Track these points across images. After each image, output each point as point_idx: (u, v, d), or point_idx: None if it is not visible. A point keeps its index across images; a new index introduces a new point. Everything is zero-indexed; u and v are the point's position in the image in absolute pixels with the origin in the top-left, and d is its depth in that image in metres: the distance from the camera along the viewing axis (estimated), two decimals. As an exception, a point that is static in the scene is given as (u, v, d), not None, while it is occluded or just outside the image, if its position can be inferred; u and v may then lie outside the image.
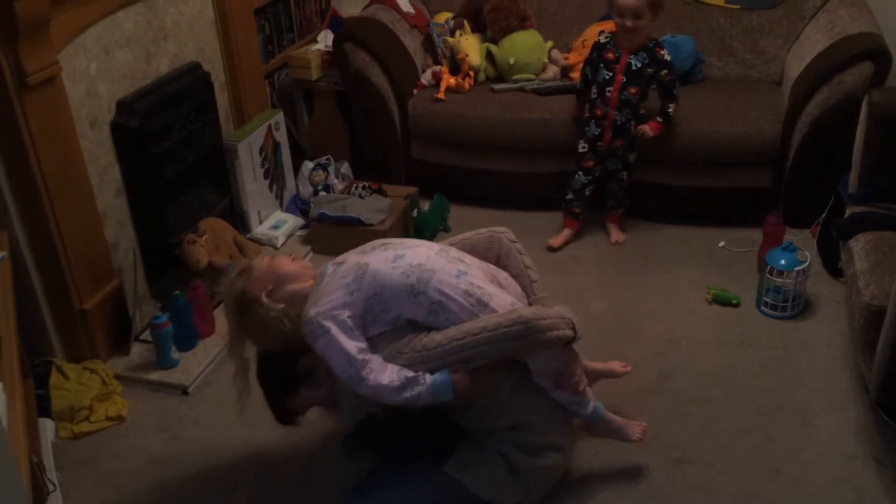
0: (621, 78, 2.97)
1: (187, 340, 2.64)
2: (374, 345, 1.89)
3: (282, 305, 1.97)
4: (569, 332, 1.91)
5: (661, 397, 2.40)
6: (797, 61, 3.22)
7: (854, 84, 2.86)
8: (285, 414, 2.12)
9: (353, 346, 1.85)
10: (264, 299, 1.98)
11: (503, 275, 2.05)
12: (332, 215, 3.19)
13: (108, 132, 2.60)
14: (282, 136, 3.43)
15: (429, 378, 1.85)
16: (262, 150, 3.29)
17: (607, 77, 2.99)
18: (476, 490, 1.96)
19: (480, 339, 1.84)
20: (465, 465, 1.98)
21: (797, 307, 2.71)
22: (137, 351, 2.65)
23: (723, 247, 3.11)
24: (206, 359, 2.63)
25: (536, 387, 1.98)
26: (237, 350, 2.06)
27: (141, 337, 2.69)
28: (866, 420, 2.28)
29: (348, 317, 1.85)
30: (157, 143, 2.71)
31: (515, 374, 1.96)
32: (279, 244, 3.23)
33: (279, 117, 3.40)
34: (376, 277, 1.89)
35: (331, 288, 1.90)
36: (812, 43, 3.20)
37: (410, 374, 1.85)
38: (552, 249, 3.15)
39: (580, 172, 3.15)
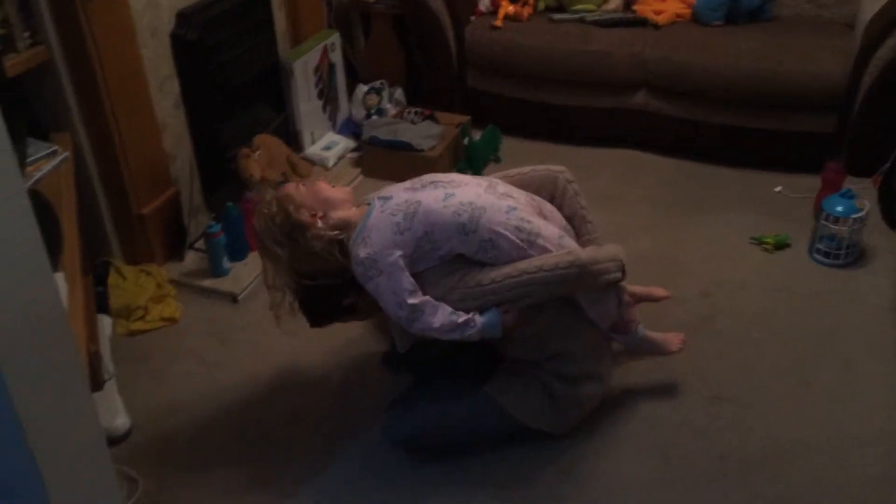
0: None
1: (238, 251, 2.72)
2: (423, 279, 1.91)
3: (335, 232, 1.93)
4: (619, 275, 1.93)
5: (703, 336, 2.40)
6: (871, 3, 3.07)
7: (931, 28, 2.73)
8: (320, 322, 2.14)
9: (404, 288, 1.86)
10: (318, 225, 1.93)
11: (548, 206, 2.06)
12: (384, 139, 3.21)
13: (168, 43, 2.63)
14: (337, 58, 3.43)
15: (479, 320, 1.88)
16: (317, 70, 3.30)
17: None
18: (513, 412, 2.00)
19: (536, 278, 1.86)
20: (505, 388, 2.02)
21: (851, 256, 2.66)
22: (191, 258, 2.74)
23: (779, 192, 3.05)
24: (256, 270, 2.68)
25: (576, 317, 2.00)
26: (278, 281, 1.99)
27: (195, 245, 2.77)
28: (910, 372, 2.25)
29: (399, 256, 1.86)
30: (215, 57, 2.74)
31: (556, 306, 1.98)
32: (330, 164, 3.27)
33: (335, 38, 3.40)
34: (428, 217, 1.89)
35: (380, 225, 1.89)
36: (891, -16, 3.04)
37: (461, 318, 1.87)
38: None
39: None
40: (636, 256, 2.66)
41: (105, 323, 2.46)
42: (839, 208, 2.61)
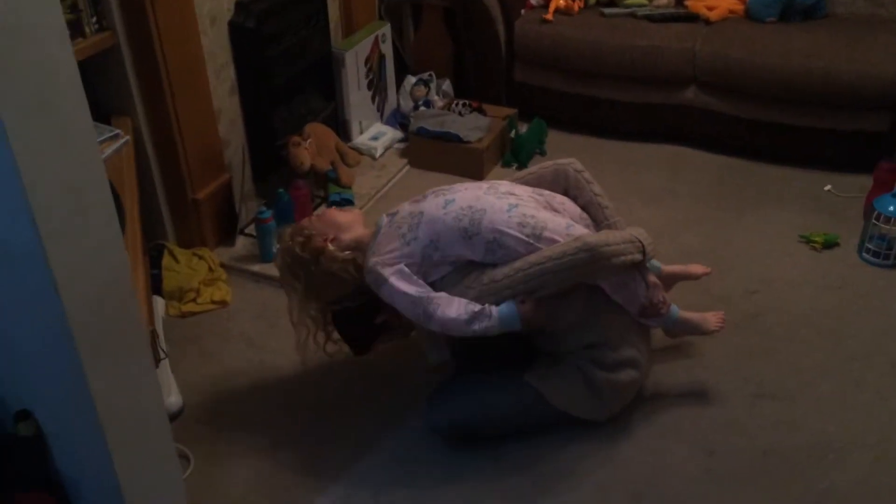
0: None
1: (288, 237, 2.77)
2: (439, 286, 1.96)
3: (347, 253, 2.02)
4: (637, 256, 1.92)
5: (748, 333, 2.39)
6: (933, 1, 3.03)
7: None
8: (362, 349, 2.21)
9: (413, 288, 1.92)
10: (330, 247, 2.02)
11: (558, 199, 2.07)
12: (432, 130, 3.24)
13: (227, 31, 2.69)
14: (387, 49, 3.47)
15: (495, 310, 1.90)
16: (367, 61, 3.34)
17: None
18: (552, 400, 2.03)
19: (546, 267, 1.88)
20: (544, 376, 2.04)
21: (901, 257, 2.63)
22: (242, 243, 2.80)
23: (829, 191, 3.02)
24: (305, 256, 2.75)
25: (606, 307, 2.01)
26: (303, 315, 2.08)
27: (245, 230, 2.83)
28: (961, 375, 2.22)
29: (407, 264, 1.92)
30: (271, 46, 2.79)
31: (583, 297, 1.99)
32: (378, 154, 3.31)
33: (386, 29, 3.44)
34: (431, 225, 1.94)
35: (388, 238, 1.97)
36: (952, -18, 2.99)
37: (477, 307, 1.90)
38: None
39: None
40: (683, 252, 2.67)
41: (158, 304, 2.53)
42: (891, 208, 2.58)
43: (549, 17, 3.36)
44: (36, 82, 1.14)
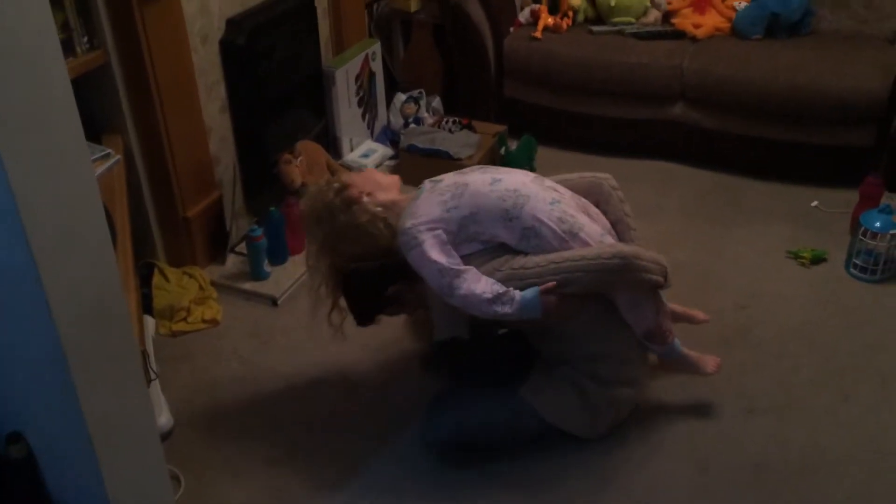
0: None
1: (279, 255, 2.77)
2: (467, 262, 1.95)
3: (379, 209, 2.01)
4: (660, 279, 1.95)
5: (739, 348, 2.41)
6: (915, 19, 3.08)
7: (975, 45, 2.73)
8: (365, 319, 2.17)
9: (445, 257, 1.90)
10: (364, 199, 2.01)
11: (593, 209, 2.09)
12: (422, 147, 3.25)
13: (218, 49, 2.70)
14: (377, 67, 3.49)
15: (518, 295, 1.90)
16: (357, 78, 3.36)
17: None
18: (546, 416, 2.03)
19: (579, 265, 1.89)
20: (539, 390, 2.04)
21: (888, 271, 2.65)
22: (232, 261, 2.80)
23: (816, 206, 3.05)
24: (296, 273, 2.75)
25: (616, 321, 2.02)
26: (321, 262, 2.07)
27: (236, 248, 2.83)
28: (950, 388, 2.24)
29: (443, 231, 1.92)
30: (262, 63, 2.80)
31: (597, 306, 2.00)
32: (369, 172, 3.31)
33: (376, 47, 3.45)
34: (474, 198, 1.94)
35: (428, 203, 1.96)
36: (934, 0, 3.05)
37: (502, 289, 1.90)
38: None
39: None
40: (672, 268, 2.67)
41: (148, 323, 2.52)
42: (877, 224, 2.60)
43: (538, 34, 3.38)
44: (30, 102, 1.14)
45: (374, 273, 2.06)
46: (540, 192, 1.97)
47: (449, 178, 2.03)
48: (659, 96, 3.24)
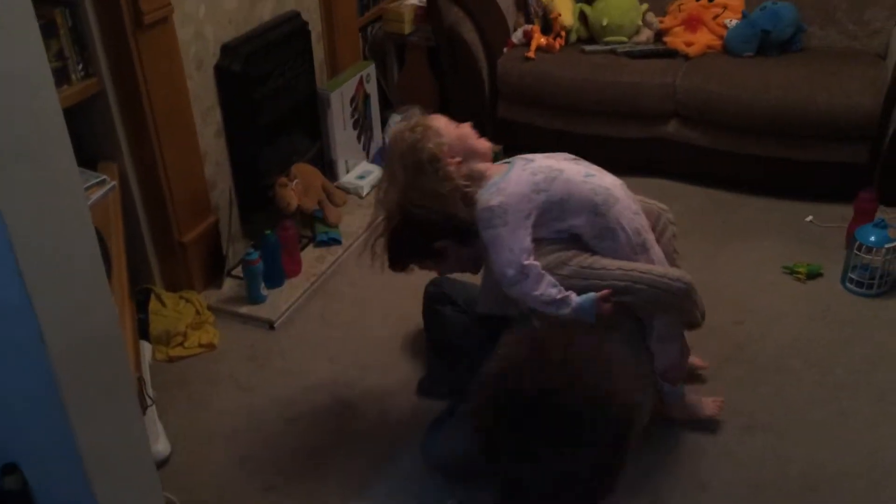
0: None
1: (276, 278, 2.77)
2: (537, 247, 1.93)
3: (464, 181, 1.95)
4: (699, 319, 1.99)
5: (736, 364, 2.40)
6: (905, 34, 3.11)
7: (964, 59, 2.75)
8: (398, 264, 2.12)
9: (523, 247, 1.88)
10: (451, 167, 1.95)
11: (654, 234, 2.08)
12: (418, 168, 3.26)
13: (212, 75, 2.71)
14: (372, 88, 3.50)
15: (575, 299, 1.89)
16: (352, 100, 3.38)
17: None
18: None
19: (645, 278, 1.90)
20: None
21: (884, 286, 2.65)
22: (229, 285, 2.80)
23: (810, 221, 3.05)
24: (293, 296, 2.75)
25: (639, 347, 2.02)
26: (388, 196, 2.00)
27: (233, 272, 2.83)
28: (948, 403, 2.24)
29: (528, 213, 1.89)
30: (257, 88, 2.82)
31: (628, 327, 2.01)
32: (364, 193, 3.33)
33: (371, 69, 3.47)
34: (568, 186, 1.93)
35: (519, 181, 1.92)
36: (922, 15, 3.07)
37: (560, 294, 1.88)
38: None
39: None
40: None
41: (145, 349, 2.52)
42: (872, 238, 2.61)
43: (531, 54, 3.40)
44: (21, 132, 1.14)
45: (431, 222, 2.00)
46: (626, 199, 1.98)
47: (541, 160, 1.99)
48: (652, 114, 3.26)
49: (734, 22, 3.34)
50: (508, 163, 2.02)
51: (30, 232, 1.16)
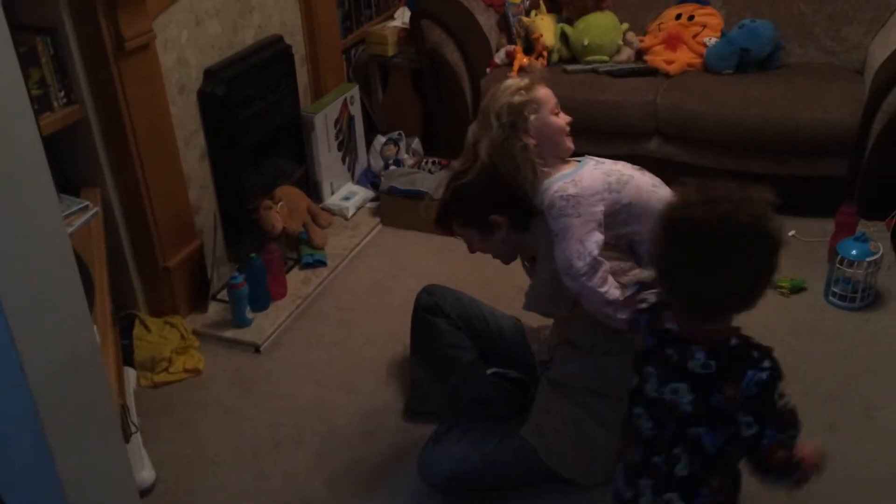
0: None
1: (261, 301, 2.76)
2: None
3: (539, 161, 1.93)
4: None
5: (722, 380, 2.41)
6: (881, 50, 3.15)
7: (940, 74, 2.79)
8: (446, 224, 2.10)
9: (594, 240, 1.86)
10: (532, 145, 1.93)
11: None
12: (402, 189, 3.27)
13: (195, 99, 2.72)
14: (356, 110, 3.52)
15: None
16: (336, 122, 3.39)
17: None
18: (545, 457, 2.01)
19: None
20: (541, 432, 2.03)
21: (867, 299, 2.67)
22: (214, 309, 2.78)
23: (793, 236, 3.07)
24: (278, 319, 2.74)
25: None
26: (480, 147, 1.98)
27: (218, 296, 2.82)
28: (933, 415, 2.25)
29: (601, 210, 1.88)
30: (240, 112, 2.82)
31: (627, 345, 2.00)
32: (349, 215, 3.33)
33: (354, 91, 3.49)
34: (638, 192, 1.93)
35: (594, 178, 1.92)
36: (898, 31, 3.12)
37: (623, 297, 1.86)
38: None
39: None
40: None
41: (129, 375, 2.50)
42: (854, 252, 2.63)
43: (514, 75, 3.43)
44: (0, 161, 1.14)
45: (501, 188, 1.95)
46: None
47: (611, 164, 2.00)
48: (634, 132, 3.28)
49: (713, 40, 3.38)
50: (579, 161, 2.02)
51: (8, 260, 1.16)
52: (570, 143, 2.03)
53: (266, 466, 2.22)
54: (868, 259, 2.61)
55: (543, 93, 2.00)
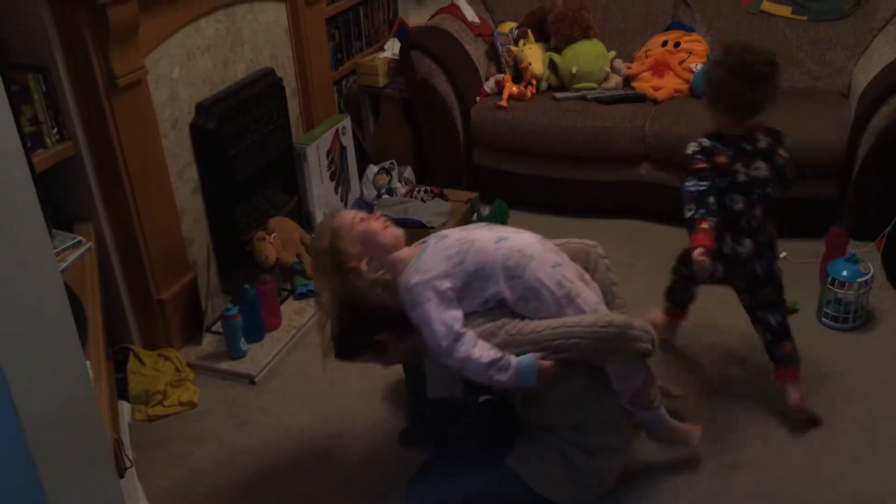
0: None
1: (255, 332, 2.76)
2: (465, 321, 1.95)
3: (378, 273, 2.00)
4: (649, 346, 1.97)
5: (718, 404, 2.41)
6: (865, 73, 3.19)
7: (923, 96, 2.83)
8: (344, 355, 2.12)
9: (450, 316, 1.90)
10: (363, 268, 2.00)
11: (587, 276, 2.10)
12: (395, 218, 3.27)
13: (188, 133, 2.74)
14: (348, 141, 3.55)
15: (514, 361, 1.90)
16: (329, 153, 3.41)
17: None
18: (532, 484, 2.01)
19: (574, 332, 1.90)
20: (525, 459, 2.03)
21: (858, 319, 2.69)
22: (209, 341, 2.78)
23: (784, 257, 3.09)
24: (273, 350, 2.74)
25: (602, 390, 2.02)
26: (325, 302, 2.03)
27: (212, 328, 2.82)
28: (928, 434, 2.25)
29: (449, 288, 1.92)
30: (232, 145, 2.85)
31: (584, 374, 2.01)
32: (343, 244, 3.33)
33: (346, 122, 3.52)
34: (480, 255, 1.96)
35: (434, 259, 1.96)
36: (881, 55, 3.16)
37: (498, 354, 1.90)
38: None
39: None
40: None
41: (124, 409, 2.49)
42: (844, 272, 2.65)
43: (504, 103, 3.47)
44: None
45: (366, 317, 2.02)
46: (544, 254, 1.99)
47: (454, 234, 2.04)
48: (624, 158, 3.31)
49: (699, 66, 3.42)
50: (424, 242, 2.06)
51: (1, 304, 1.16)
52: (393, 233, 2.06)
53: (262, 497, 2.21)
54: (859, 280, 2.63)
55: (342, 215, 2.06)
